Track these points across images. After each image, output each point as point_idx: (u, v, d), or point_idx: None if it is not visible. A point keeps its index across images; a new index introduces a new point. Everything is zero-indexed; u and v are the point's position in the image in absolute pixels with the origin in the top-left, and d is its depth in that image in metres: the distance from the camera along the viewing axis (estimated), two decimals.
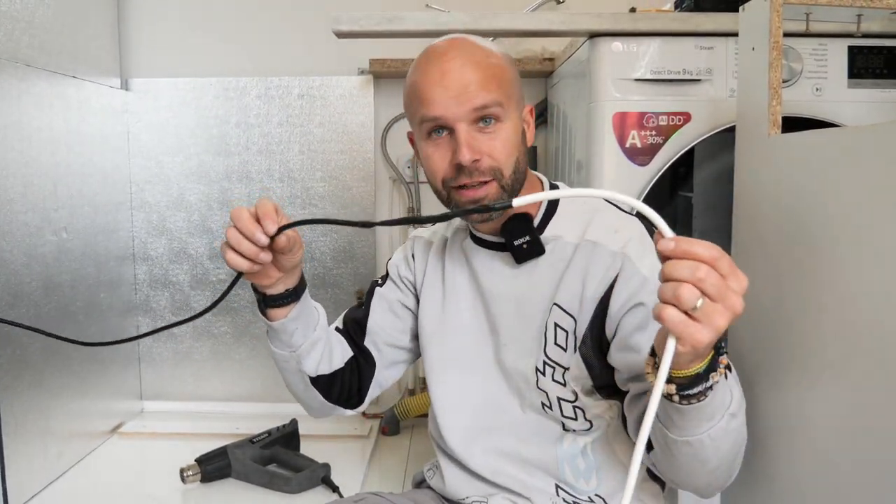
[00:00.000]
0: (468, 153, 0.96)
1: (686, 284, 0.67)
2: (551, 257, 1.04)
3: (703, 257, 0.68)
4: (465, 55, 0.99)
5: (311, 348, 1.09)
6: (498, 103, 0.98)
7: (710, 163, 1.54)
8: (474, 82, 0.97)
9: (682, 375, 0.75)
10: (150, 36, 2.19)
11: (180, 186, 2.17)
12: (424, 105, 0.99)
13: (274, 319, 1.04)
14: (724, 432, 0.83)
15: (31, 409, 1.62)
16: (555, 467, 1.07)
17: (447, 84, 0.97)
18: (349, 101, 2.14)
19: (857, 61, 1.50)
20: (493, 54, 1.01)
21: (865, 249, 0.90)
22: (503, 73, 1.01)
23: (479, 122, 0.98)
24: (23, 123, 1.62)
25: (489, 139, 0.98)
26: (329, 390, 1.15)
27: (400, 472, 1.79)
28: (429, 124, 1.00)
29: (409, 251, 1.22)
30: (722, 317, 0.68)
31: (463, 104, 0.97)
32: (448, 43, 1.02)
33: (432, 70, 0.99)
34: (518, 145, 1.02)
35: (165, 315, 2.20)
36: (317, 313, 1.10)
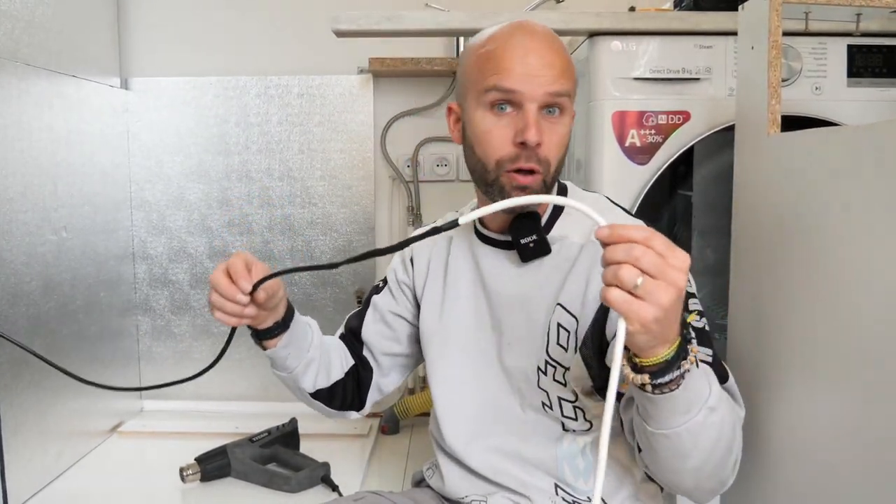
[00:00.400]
0: (536, 134, 0.96)
1: (624, 265, 0.70)
2: (557, 257, 1.04)
3: (636, 238, 0.71)
4: (549, 40, 0.99)
5: (306, 368, 1.14)
6: (568, 94, 0.99)
7: (710, 162, 1.54)
8: (556, 66, 0.97)
9: (651, 363, 0.77)
10: (149, 35, 2.19)
11: (180, 185, 2.17)
12: (500, 74, 0.97)
13: (267, 348, 1.10)
14: (701, 426, 0.83)
15: (30, 409, 1.62)
16: (554, 467, 1.07)
17: (528, 62, 0.96)
18: (349, 100, 2.14)
19: (856, 60, 1.50)
20: (563, 47, 1.01)
21: (865, 248, 0.90)
22: (573, 69, 1.02)
23: (546, 108, 0.98)
24: (23, 123, 1.62)
25: (551, 128, 0.98)
26: (330, 401, 1.20)
27: (399, 471, 1.79)
28: (497, 94, 0.97)
29: (408, 255, 1.22)
30: (665, 293, 0.71)
31: (540, 86, 0.96)
32: (529, 24, 1.01)
33: (516, 43, 0.98)
34: (567, 143, 1.02)
35: (165, 314, 2.21)
36: (310, 334, 1.14)
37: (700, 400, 0.83)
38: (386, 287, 1.23)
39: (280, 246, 2.18)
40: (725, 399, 0.89)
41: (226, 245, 2.18)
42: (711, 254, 1.66)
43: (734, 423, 0.92)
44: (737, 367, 1.23)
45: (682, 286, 0.72)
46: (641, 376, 0.78)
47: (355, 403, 1.23)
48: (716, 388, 0.86)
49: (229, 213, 2.18)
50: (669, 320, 0.73)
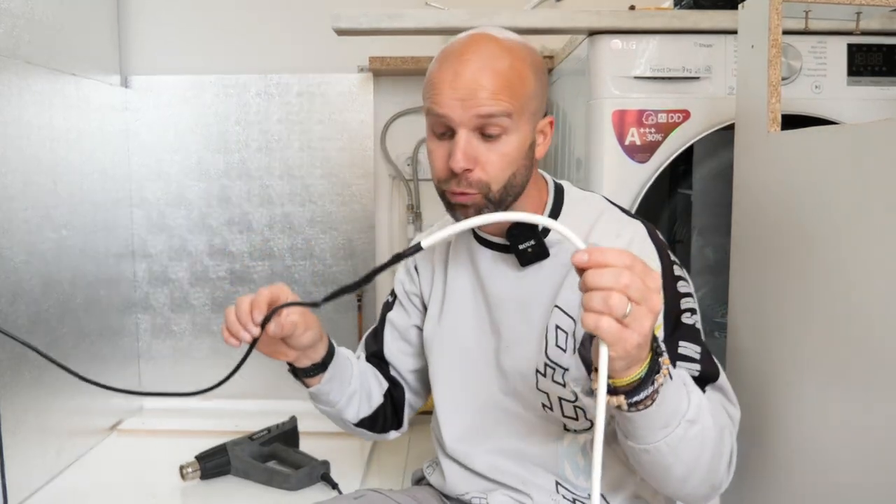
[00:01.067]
0: (461, 160, 0.95)
1: (614, 292, 0.68)
2: (555, 260, 1.04)
3: (619, 264, 0.70)
4: (484, 58, 0.95)
5: (349, 401, 1.14)
6: (506, 114, 0.95)
7: (710, 160, 1.54)
8: (486, 89, 0.93)
9: (626, 383, 0.77)
10: (149, 33, 2.19)
11: (180, 183, 2.17)
12: (433, 101, 0.97)
13: (308, 386, 1.09)
14: (681, 439, 0.84)
15: (30, 407, 1.62)
16: (555, 464, 1.07)
17: (457, 85, 0.94)
18: (349, 99, 2.14)
19: (855, 59, 1.50)
20: (518, 60, 0.97)
21: (865, 246, 0.90)
22: (522, 83, 0.96)
23: (482, 131, 0.96)
24: (23, 121, 1.62)
25: (487, 150, 0.96)
26: (373, 426, 1.20)
27: (399, 469, 1.79)
28: (433, 119, 0.98)
29: (412, 263, 1.22)
30: (647, 318, 0.71)
31: (468, 109, 0.94)
32: (473, 39, 0.98)
33: (447, 67, 0.96)
34: (519, 159, 0.99)
35: (165, 312, 2.21)
36: (350, 367, 1.13)
37: (678, 414, 0.83)
38: (396, 301, 1.23)
39: (280, 244, 2.18)
40: (708, 409, 0.89)
41: (225, 243, 2.18)
42: (711, 252, 1.66)
43: (721, 429, 0.93)
44: (736, 365, 1.23)
45: (659, 310, 0.72)
46: (617, 398, 0.78)
47: (395, 423, 1.24)
48: (695, 400, 0.86)
49: (229, 212, 2.18)
50: (646, 342, 0.74)
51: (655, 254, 1.01)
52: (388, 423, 1.22)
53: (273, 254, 2.19)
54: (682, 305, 1.00)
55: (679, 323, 0.99)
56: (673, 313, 0.99)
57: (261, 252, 2.19)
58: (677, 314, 0.99)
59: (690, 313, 1.00)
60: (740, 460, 1.11)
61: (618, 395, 0.78)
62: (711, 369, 0.99)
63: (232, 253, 2.19)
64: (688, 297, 1.02)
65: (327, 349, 1.07)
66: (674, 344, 0.97)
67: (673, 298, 1.00)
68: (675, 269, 1.02)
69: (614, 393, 0.78)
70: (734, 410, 1.00)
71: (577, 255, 0.71)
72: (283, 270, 2.19)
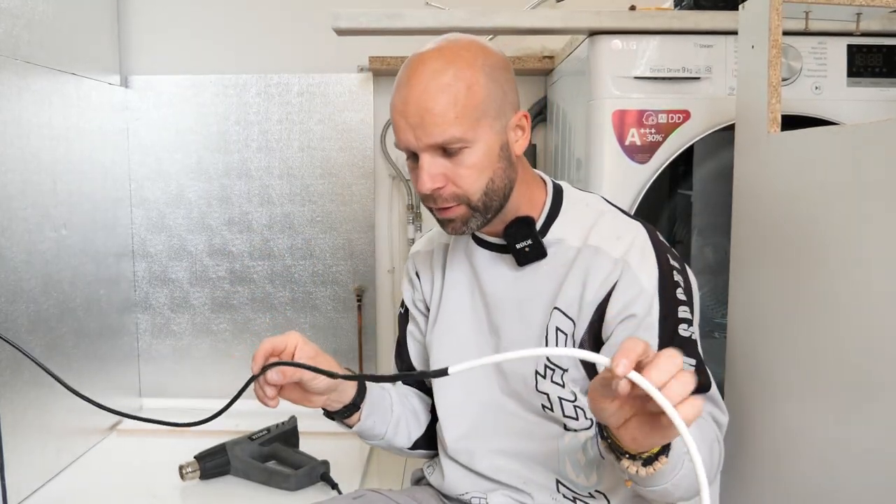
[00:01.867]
0: (428, 183, 0.96)
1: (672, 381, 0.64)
2: (553, 261, 1.04)
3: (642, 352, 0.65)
4: (427, 79, 0.93)
5: (396, 429, 1.14)
6: (456, 138, 0.93)
7: (710, 161, 1.54)
8: (432, 113, 0.93)
9: (653, 452, 0.77)
10: (149, 33, 2.19)
11: (180, 183, 2.17)
12: (394, 130, 0.98)
13: (350, 426, 1.09)
14: (685, 477, 0.85)
15: (30, 406, 1.62)
16: (555, 462, 1.07)
17: (407, 113, 0.94)
18: (349, 99, 2.14)
19: (856, 60, 1.50)
20: (464, 68, 0.94)
21: (865, 246, 0.90)
22: (470, 94, 0.94)
23: (442, 148, 0.95)
24: (23, 120, 1.62)
25: (454, 165, 0.96)
26: (429, 445, 1.20)
27: (399, 469, 1.80)
28: (401, 147, 0.99)
29: (413, 272, 1.22)
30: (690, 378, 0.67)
31: (421, 138, 0.94)
32: (418, 60, 0.96)
33: (397, 95, 0.97)
34: (491, 164, 0.97)
35: (164, 312, 2.21)
36: (388, 397, 1.13)
37: (682, 458, 0.83)
38: (409, 314, 1.23)
39: (280, 244, 2.18)
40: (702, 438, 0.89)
41: (225, 243, 2.18)
42: (711, 252, 1.66)
43: (711, 444, 0.94)
44: (736, 365, 1.24)
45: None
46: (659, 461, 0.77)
47: None
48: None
49: (229, 211, 2.18)
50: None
51: (654, 258, 1.01)
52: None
53: (273, 254, 2.19)
54: (679, 314, 1.00)
55: (675, 335, 0.99)
56: (669, 323, 0.99)
57: (261, 252, 2.19)
58: (674, 325, 0.99)
59: (687, 325, 1.00)
60: (738, 461, 1.11)
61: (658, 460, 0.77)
62: (705, 381, 0.99)
63: (232, 253, 2.19)
64: (685, 305, 1.01)
65: (357, 390, 1.05)
66: None
67: (671, 307, 0.99)
68: (674, 274, 1.02)
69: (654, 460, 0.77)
70: (723, 417, 1.01)
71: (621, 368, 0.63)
72: (283, 270, 2.19)
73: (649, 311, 0.98)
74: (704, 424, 0.96)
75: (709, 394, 1.00)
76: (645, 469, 0.78)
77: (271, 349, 0.94)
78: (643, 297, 0.98)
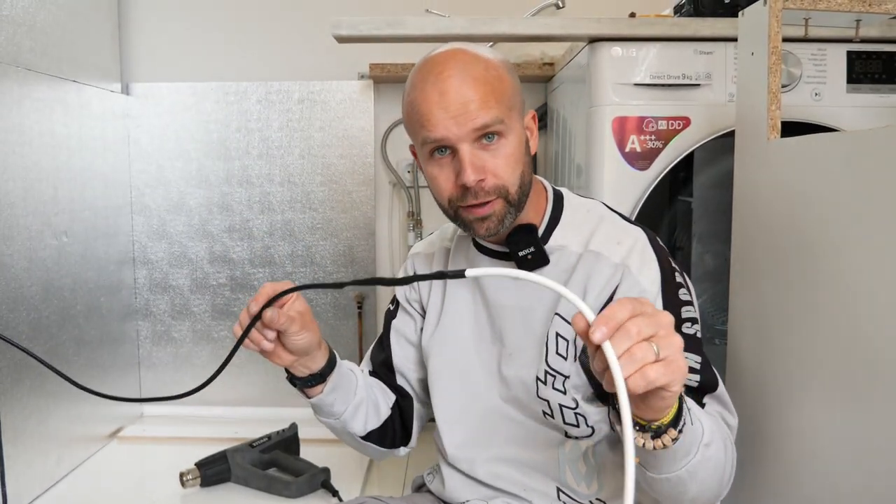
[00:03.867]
0: (472, 174, 0.95)
1: (634, 346, 0.66)
2: (555, 267, 1.05)
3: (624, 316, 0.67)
4: (462, 71, 0.96)
5: (355, 411, 1.11)
6: (499, 120, 0.96)
7: (710, 167, 1.55)
8: (474, 100, 0.94)
9: (663, 423, 0.76)
10: (150, 41, 2.19)
11: (180, 190, 2.18)
12: (424, 126, 0.97)
13: (310, 396, 1.07)
14: (699, 464, 0.84)
15: (30, 414, 1.62)
16: (556, 470, 1.07)
17: (446, 104, 0.95)
18: (349, 106, 2.14)
19: (855, 66, 1.51)
20: (491, 65, 0.98)
21: (865, 253, 0.90)
22: (503, 86, 0.98)
23: (481, 139, 0.97)
24: (24, 127, 1.62)
25: (493, 156, 0.97)
26: (382, 440, 1.18)
27: (399, 477, 1.79)
28: (430, 145, 0.98)
29: (411, 271, 1.22)
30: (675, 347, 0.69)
31: (463, 125, 0.95)
32: (444, 56, 0.99)
33: (430, 89, 0.96)
34: (522, 157, 1.00)
35: (165, 319, 2.21)
36: (354, 378, 1.11)
37: (696, 441, 0.83)
38: (399, 308, 1.22)
39: (280, 251, 2.18)
40: (715, 427, 0.89)
41: (226, 250, 2.19)
42: (711, 259, 1.66)
43: (725, 440, 0.93)
44: (737, 372, 1.23)
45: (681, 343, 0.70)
46: (668, 434, 0.77)
47: (403, 438, 1.21)
48: (707, 424, 0.86)
49: (230, 219, 2.18)
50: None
51: (655, 261, 1.01)
52: (398, 438, 1.20)
53: (273, 261, 2.19)
54: (683, 314, 1.00)
55: (679, 333, 0.99)
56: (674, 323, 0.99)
57: (261, 259, 2.19)
58: (678, 324, 0.99)
59: (691, 323, 1.00)
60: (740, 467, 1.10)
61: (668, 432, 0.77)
62: (711, 379, 0.99)
63: (232, 260, 2.19)
64: (688, 305, 1.01)
65: (327, 361, 1.05)
66: None
67: (674, 307, 1.00)
68: (676, 276, 1.02)
69: (664, 432, 0.77)
70: (732, 419, 1.01)
71: (595, 335, 0.65)
72: (284, 277, 2.19)
73: None
74: (715, 418, 0.95)
75: (716, 394, 0.99)
76: (653, 442, 0.77)
77: (272, 292, 0.93)
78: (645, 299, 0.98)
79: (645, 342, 0.67)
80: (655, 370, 0.66)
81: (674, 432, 0.77)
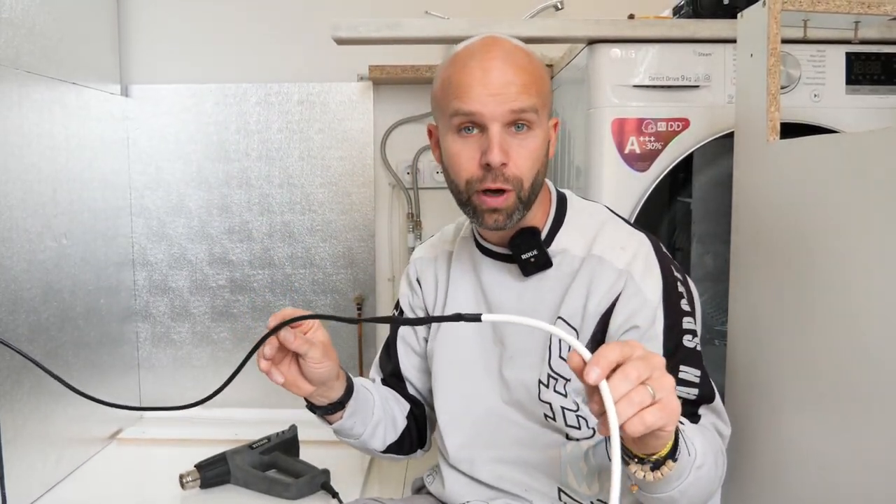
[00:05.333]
0: (499, 154, 0.95)
1: (633, 390, 0.67)
2: (558, 271, 1.04)
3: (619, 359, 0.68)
4: (508, 55, 0.97)
5: (374, 430, 1.12)
6: (534, 109, 0.96)
7: (709, 169, 1.55)
8: (516, 84, 0.95)
9: (661, 455, 0.77)
10: (149, 43, 2.19)
11: (180, 192, 2.18)
12: (460, 98, 0.96)
13: (331, 422, 1.08)
14: (691, 485, 0.85)
15: (30, 415, 1.62)
16: (557, 470, 1.07)
17: (488, 81, 0.95)
18: (349, 108, 2.14)
19: (854, 68, 1.51)
20: (534, 59, 1.00)
21: (865, 255, 0.90)
22: (542, 81, 0.99)
23: (512, 125, 0.96)
24: (23, 129, 1.62)
25: (519, 145, 0.97)
26: (400, 450, 1.19)
27: (399, 478, 1.79)
28: (461, 118, 0.97)
29: (413, 277, 1.22)
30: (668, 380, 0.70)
31: (502, 104, 0.95)
32: (489, 41, 1.00)
33: (473, 65, 0.96)
34: (542, 157, 1.00)
35: (165, 321, 2.21)
36: (371, 398, 1.11)
37: (689, 465, 0.84)
38: (403, 316, 1.22)
39: (280, 253, 2.18)
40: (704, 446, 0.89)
41: (226, 252, 2.19)
42: (711, 260, 1.66)
43: (716, 454, 0.94)
44: (736, 373, 1.23)
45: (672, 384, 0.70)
46: (667, 465, 0.78)
47: (420, 442, 1.22)
48: (699, 445, 0.86)
49: (229, 220, 2.18)
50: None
51: (658, 269, 1.01)
52: (415, 444, 1.21)
53: (273, 262, 2.19)
54: (684, 325, 1.00)
55: (680, 346, 0.99)
56: (674, 334, 0.99)
57: (261, 261, 2.19)
58: (679, 336, 0.99)
59: (692, 335, 1.00)
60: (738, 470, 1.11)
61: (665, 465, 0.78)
62: (709, 392, 0.99)
63: (232, 262, 2.19)
64: (689, 316, 1.01)
65: (345, 388, 1.04)
66: (675, 368, 0.98)
67: (675, 318, 1.00)
68: (678, 285, 1.02)
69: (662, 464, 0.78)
70: (725, 429, 1.01)
71: (588, 376, 0.67)
72: (283, 279, 2.19)
73: (653, 322, 0.99)
74: (707, 434, 0.96)
75: (712, 405, 1.00)
76: (653, 473, 0.78)
77: (291, 315, 0.92)
78: (646, 309, 0.98)
79: (642, 386, 0.68)
80: (652, 414, 0.68)
81: (672, 464, 0.78)
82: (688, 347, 0.99)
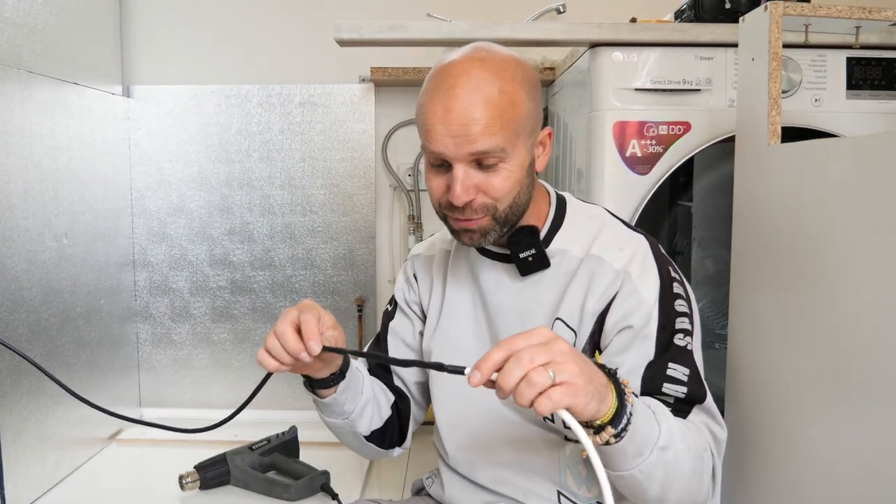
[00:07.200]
0: (462, 195, 0.95)
1: (530, 374, 0.72)
2: (556, 271, 1.05)
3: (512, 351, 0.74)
4: (473, 89, 0.93)
5: (363, 410, 1.11)
6: (500, 148, 0.94)
7: (710, 172, 1.55)
8: (479, 122, 0.92)
9: (609, 416, 0.80)
10: (151, 43, 2.20)
11: (181, 193, 2.18)
12: (426, 136, 0.96)
13: (323, 396, 1.06)
14: (654, 466, 0.86)
15: (29, 416, 1.62)
16: (556, 473, 1.07)
17: (449, 121, 0.93)
18: (350, 109, 2.15)
19: (855, 72, 1.51)
20: (508, 82, 0.94)
21: (865, 258, 0.91)
22: (514, 111, 0.94)
23: (478, 161, 0.95)
24: (25, 130, 1.62)
25: (487, 177, 0.96)
26: (382, 441, 1.18)
27: (399, 480, 1.79)
28: (429, 154, 0.98)
29: (411, 272, 1.22)
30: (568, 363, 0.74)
31: (461, 147, 0.93)
32: (459, 68, 0.95)
33: (437, 101, 0.94)
34: (521, 180, 0.98)
35: (165, 322, 2.21)
36: (360, 376, 1.11)
37: (650, 442, 0.85)
38: (397, 309, 1.22)
39: (281, 254, 2.19)
40: (679, 433, 0.90)
41: (226, 253, 2.19)
42: (711, 264, 1.66)
43: (701, 451, 0.94)
44: (737, 376, 1.24)
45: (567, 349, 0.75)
46: (606, 431, 0.80)
47: (400, 438, 1.21)
48: (666, 428, 0.87)
49: (230, 221, 2.18)
50: (589, 374, 0.76)
51: (656, 270, 1.02)
52: (395, 438, 1.20)
53: (274, 264, 2.19)
54: (677, 325, 1.00)
55: (671, 344, 0.99)
56: (666, 333, 0.99)
57: (261, 262, 2.19)
58: (670, 335, 0.99)
59: (684, 334, 1.00)
60: (741, 471, 1.11)
61: (605, 430, 0.80)
62: (699, 391, 0.99)
63: (233, 263, 2.19)
64: (683, 316, 1.01)
65: (343, 359, 1.05)
66: (663, 365, 0.98)
67: (668, 318, 1.00)
68: (675, 286, 1.02)
69: (603, 429, 0.81)
70: (720, 431, 1.00)
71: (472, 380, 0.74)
72: (284, 280, 2.19)
73: (647, 322, 0.99)
74: (691, 431, 0.95)
75: (704, 405, 1.00)
76: (595, 437, 0.81)
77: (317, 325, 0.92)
78: (642, 309, 0.99)
79: (541, 368, 0.72)
80: (559, 392, 0.73)
81: (611, 430, 0.80)
82: (678, 346, 0.99)
